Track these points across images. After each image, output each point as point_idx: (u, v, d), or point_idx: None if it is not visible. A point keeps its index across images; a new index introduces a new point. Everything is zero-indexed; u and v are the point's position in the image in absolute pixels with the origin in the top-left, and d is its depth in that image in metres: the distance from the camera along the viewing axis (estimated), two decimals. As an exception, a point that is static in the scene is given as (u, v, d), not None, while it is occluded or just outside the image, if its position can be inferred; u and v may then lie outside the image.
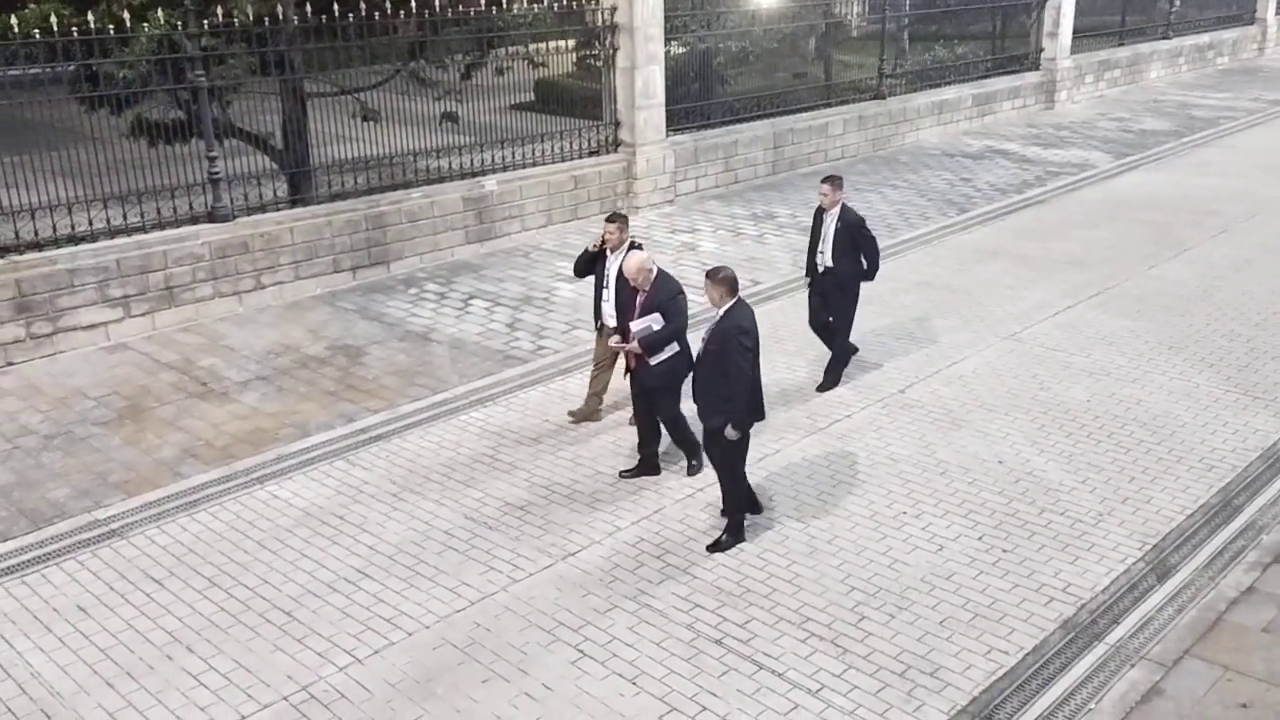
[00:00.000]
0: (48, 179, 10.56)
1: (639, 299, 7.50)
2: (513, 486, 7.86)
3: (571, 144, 14.72)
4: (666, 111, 15.42)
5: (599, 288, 8.38)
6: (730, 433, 6.75)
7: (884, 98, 19.41)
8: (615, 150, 15.17)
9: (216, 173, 11.31)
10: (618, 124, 15.13)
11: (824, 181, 9.17)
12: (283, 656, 6.02)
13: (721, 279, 6.78)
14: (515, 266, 12.97)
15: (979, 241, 13.93)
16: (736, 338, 6.66)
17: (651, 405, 7.74)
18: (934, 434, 8.62)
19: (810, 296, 9.56)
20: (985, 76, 21.85)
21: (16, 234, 10.25)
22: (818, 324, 9.58)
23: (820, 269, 9.34)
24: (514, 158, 14.00)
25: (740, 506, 7.07)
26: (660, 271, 7.57)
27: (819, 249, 9.29)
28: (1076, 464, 8.11)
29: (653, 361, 7.47)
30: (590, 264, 8.42)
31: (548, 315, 11.38)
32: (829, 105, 18.62)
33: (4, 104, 10.29)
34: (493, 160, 13.79)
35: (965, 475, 7.97)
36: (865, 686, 5.75)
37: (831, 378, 9.48)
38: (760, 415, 6.97)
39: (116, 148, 11.02)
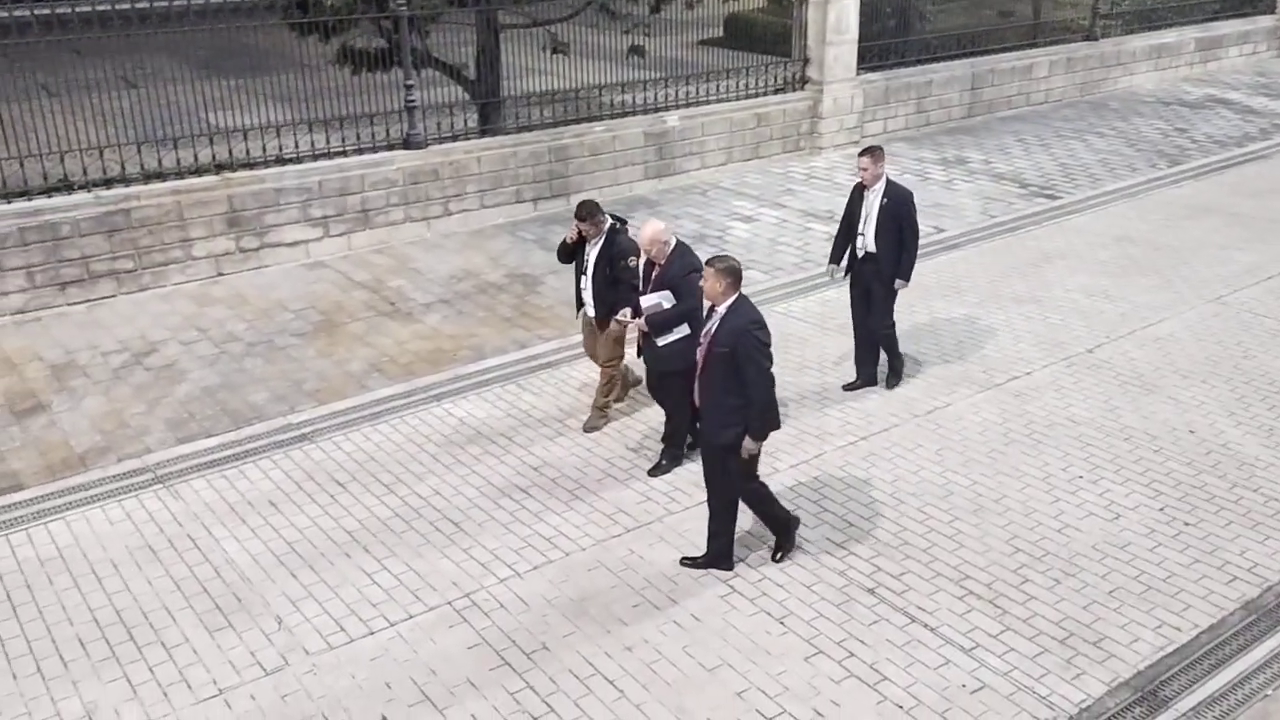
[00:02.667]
0: (260, 102, 11.21)
1: (653, 273, 6.93)
2: (676, 421, 7.94)
3: (757, 80, 14.49)
4: (859, 48, 14.95)
5: (578, 275, 7.72)
6: (750, 445, 5.87)
7: (1096, 39, 18.21)
8: (802, 88, 14.84)
9: (413, 101, 11.73)
10: (806, 61, 14.78)
11: (863, 154, 7.94)
12: (449, 564, 6.34)
13: (724, 269, 5.79)
14: (691, 204, 12.96)
15: (1190, 196, 12.99)
16: (752, 334, 5.73)
17: (662, 390, 7.17)
18: (1121, 397, 8.18)
19: (851, 289, 8.30)
20: (1212, 19, 20.17)
21: (230, 153, 10.95)
22: (862, 324, 8.32)
23: (861, 253, 8.06)
24: (697, 93, 13.91)
25: (731, 534, 6.22)
26: (679, 244, 6.95)
27: (859, 230, 8.01)
28: (1277, 438, 7.54)
29: (660, 342, 6.90)
30: (572, 251, 7.73)
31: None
32: (1035, 46, 17.61)
33: (223, 28, 10.95)
34: (676, 96, 13.74)
35: (1151, 443, 7.54)
36: (1022, 649, 5.59)
37: (890, 379, 8.38)
38: (777, 424, 6.04)
39: (323, 74, 11.58)
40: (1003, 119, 16.79)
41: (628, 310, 7.12)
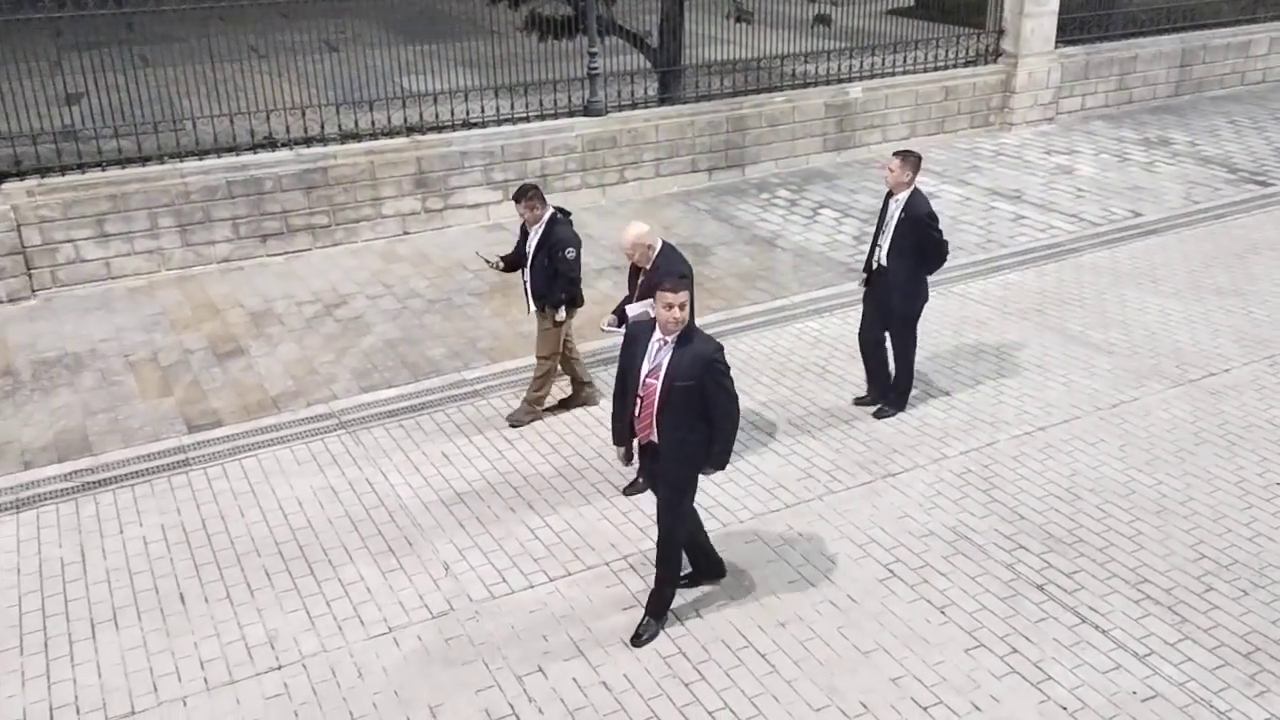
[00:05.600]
0: (450, 67, 11.57)
1: (639, 279, 6.53)
2: (839, 400, 7.82)
3: (947, 52, 13.99)
4: (1059, 20, 14.22)
5: (521, 268, 7.50)
6: (710, 473, 5.50)
7: (1327, 12, 16.74)
8: (995, 61, 14.24)
9: (595, 68, 11.86)
10: (1001, 32, 14.17)
11: (895, 155, 7.21)
12: (608, 525, 6.45)
13: (681, 284, 5.19)
14: (870, 179, 12.65)
15: None
16: (719, 364, 5.19)
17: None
18: (1330, 402, 7.58)
19: (864, 301, 7.59)
20: None
21: (420, 116, 11.36)
22: (867, 339, 7.56)
23: (875, 265, 7.35)
24: (883, 64, 13.54)
25: (677, 579, 5.69)
26: (665, 246, 6.49)
27: (878, 241, 7.33)
28: None
29: None
30: (518, 251, 7.55)
31: (899, 231, 11.04)
32: (1255, 21, 16.33)
33: (419, -4, 11.36)
34: (860, 66, 13.41)
35: (1363, 453, 6.96)
36: (1201, 660, 5.28)
37: (891, 396, 7.61)
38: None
39: (509, 41, 11.85)
40: (1213, 99, 15.68)
41: (614, 317, 6.72)
